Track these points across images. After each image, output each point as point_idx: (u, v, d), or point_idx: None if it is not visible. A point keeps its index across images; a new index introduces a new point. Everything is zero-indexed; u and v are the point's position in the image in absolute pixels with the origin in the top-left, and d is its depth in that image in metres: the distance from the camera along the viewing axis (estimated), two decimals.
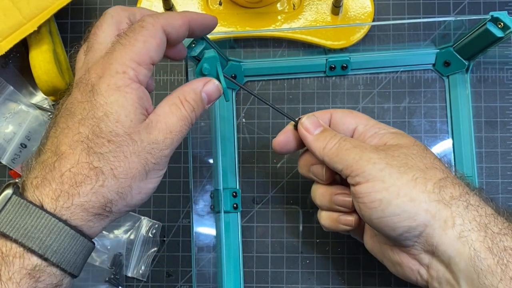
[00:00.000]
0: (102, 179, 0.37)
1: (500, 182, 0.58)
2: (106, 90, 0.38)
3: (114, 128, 0.38)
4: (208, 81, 0.44)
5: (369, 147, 0.44)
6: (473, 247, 0.39)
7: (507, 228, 0.40)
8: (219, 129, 0.58)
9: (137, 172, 0.39)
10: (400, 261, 0.44)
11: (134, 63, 0.39)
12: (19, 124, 0.61)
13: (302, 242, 0.59)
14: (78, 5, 0.62)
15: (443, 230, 0.40)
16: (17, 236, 0.36)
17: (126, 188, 0.39)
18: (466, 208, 0.40)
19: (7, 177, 0.61)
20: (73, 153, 0.37)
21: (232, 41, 0.61)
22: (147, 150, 0.39)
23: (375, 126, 0.47)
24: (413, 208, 0.40)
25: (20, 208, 0.36)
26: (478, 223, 0.40)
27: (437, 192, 0.41)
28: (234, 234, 0.59)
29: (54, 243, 0.36)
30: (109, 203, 0.38)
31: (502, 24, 0.51)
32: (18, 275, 0.35)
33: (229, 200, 0.58)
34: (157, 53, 0.40)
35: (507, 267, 0.38)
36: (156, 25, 0.40)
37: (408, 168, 0.42)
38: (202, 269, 0.59)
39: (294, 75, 0.60)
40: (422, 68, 0.60)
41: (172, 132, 0.40)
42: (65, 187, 0.37)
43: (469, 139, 0.58)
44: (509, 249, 0.38)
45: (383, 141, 0.46)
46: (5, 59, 0.62)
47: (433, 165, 0.43)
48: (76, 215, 0.37)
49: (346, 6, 0.60)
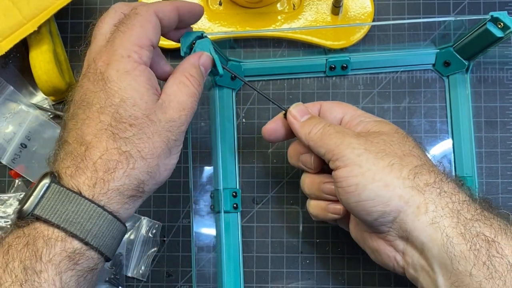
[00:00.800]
0: (132, 162, 0.40)
1: (500, 182, 0.58)
2: (117, 76, 0.41)
3: (133, 112, 0.40)
4: (202, 54, 0.47)
5: (350, 133, 0.45)
6: (445, 233, 0.39)
7: (480, 214, 0.40)
8: (219, 129, 0.58)
9: (162, 150, 0.41)
10: (378, 247, 0.44)
11: (136, 46, 0.42)
12: (19, 124, 0.61)
13: (302, 242, 0.59)
14: (78, 5, 0.62)
15: (416, 216, 0.40)
16: (59, 222, 0.38)
17: (155, 167, 0.41)
18: (439, 194, 0.41)
19: (7, 177, 0.61)
20: (100, 141, 0.40)
21: (232, 41, 0.61)
22: (166, 129, 0.42)
23: (361, 115, 0.48)
24: (387, 193, 0.41)
25: (60, 196, 0.38)
26: (451, 210, 0.40)
27: (411, 179, 0.41)
28: (234, 234, 0.59)
29: (93, 228, 0.39)
30: (141, 184, 0.41)
31: (502, 24, 0.51)
32: (59, 257, 0.37)
33: (229, 200, 0.58)
34: (154, 35, 0.43)
35: (480, 252, 0.38)
36: (149, 11, 0.43)
37: (386, 154, 0.42)
38: (202, 269, 0.59)
39: (294, 75, 0.60)
40: (422, 68, 0.60)
41: (185, 109, 0.43)
42: (100, 174, 0.39)
43: (469, 139, 0.58)
44: (482, 235, 0.38)
45: (367, 128, 0.47)
46: (5, 59, 0.62)
47: (411, 153, 0.43)
48: (113, 199, 0.40)
49: (346, 6, 0.60)
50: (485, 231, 0.39)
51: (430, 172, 0.42)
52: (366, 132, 0.46)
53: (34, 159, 0.60)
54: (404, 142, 0.44)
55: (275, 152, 0.60)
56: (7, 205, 0.60)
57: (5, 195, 0.60)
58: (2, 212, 0.59)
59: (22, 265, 0.36)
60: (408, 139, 0.45)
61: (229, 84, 0.59)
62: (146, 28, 0.42)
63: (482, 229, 0.39)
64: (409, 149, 0.44)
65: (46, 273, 0.37)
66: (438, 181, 0.41)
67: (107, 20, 0.44)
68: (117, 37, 0.42)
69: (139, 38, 0.42)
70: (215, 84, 0.59)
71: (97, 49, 0.43)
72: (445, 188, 0.41)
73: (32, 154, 0.60)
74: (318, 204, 0.50)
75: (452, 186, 0.42)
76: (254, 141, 0.60)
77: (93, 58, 0.42)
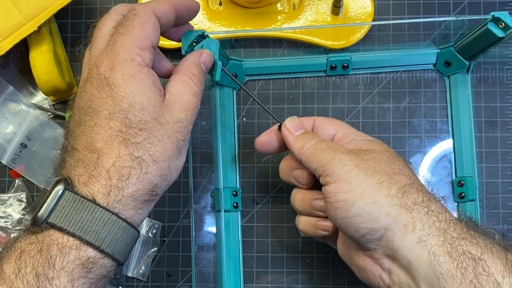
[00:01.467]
0: (145, 166, 0.40)
1: (500, 182, 0.58)
2: (123, 80, 0.40)
3: (142, 116, 0.40)
4: (202, 52, 0.47)
5: (342, 149, 0.45)
6: (432, 251, 0.39)
7: (466, 233, 0.40)
8: (220, 127, 0.58)
9: (172, 152, 0.42)
10: (364, 265, 0.44)
11: (137, 48, 0.42)
12: (19, 124, 0.61)
13: (302, 242, 0.59)
14: (78, 5, 0.62)
15: (403, 234, 0.40)
16: (74, 230, 0.38)
17: (166, 169, 0.42)
18: (427, 213, 0.41)
19: (7, 177, 0.61)
20: (112, 148, 0.40)
21: (233, 41, 0.61)
22: (175, 130, 0.42)
23: (354, 134, 0.49)
24: (375, 210, 0.41)
25: (75, 203, 0.38)
26: (438, 228, 0.40)
27: (400, 197, 0.41)
28: (234, 233, 0.59)
29: (108, 235, 0.39)
30: (155, 188, 0.41)
31: (503, 24, 0.51)
32: (72, 265, 0.37)
33: (229, 199, 0.58)
34: (154, 36, 0.43)
35: (466, 270, 0.38)
36: (147, 11, 0.43)
37: (375, 172, 0.43)
38: (202, 269, 0.59)
39: (295, 74, 0.60)
40: (423, 68, 0.60)
41: (190, 109, 0.43)
42: (114, 181, 0.39)
43: (470, 139, 0.58)
44: (468, 253, 0.39)
45: (358, 146, 0.47)
46: (5, 59, 0.62)
47: (401, 171, 0.44)
48: (127, 206, 0.40)
49: (346, 6, 0.60)
50: (472, 250, 0.39)
51: (418, 191, 0.42)
52: (358, 149, 0.46)
53: (34, 159, 0.60)
54: (394, 160, 0.45)
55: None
56: (7, 205, 0.60)
57: (5, 195, 0.60)
58: (2, 212, 0.59)
59: (35, 272, 0.36)
60: (398, 158, 0.46)
61: (229, 83, 0.59)
62: (145, 29, 0.42)
63: (468, 247, 0.39)
64: (399, 167, 0.44)
65: (58, 280, 0.36)
66: (426, 200, 0.42)
67: (107, 22, 0.44)
68: (118, 39, 0.42)
69: (139, 40, 0.42)
70: (216, 83, 0.59)
71: (98, 53, 0.42)
72: (433, 207, 0.41)
73: (32, 154, 0.60)
74: (308, 221, 0.50)
75: (439, 206, 0.42)
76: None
77: (94, 62, 0.42)
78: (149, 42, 0.42)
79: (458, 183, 0.57)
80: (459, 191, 0.57)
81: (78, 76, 0.62)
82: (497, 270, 0.38)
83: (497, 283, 0.37)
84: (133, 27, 0.42)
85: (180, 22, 0.47)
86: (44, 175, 0.60)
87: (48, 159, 0.61)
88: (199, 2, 0.61)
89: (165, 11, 0.44)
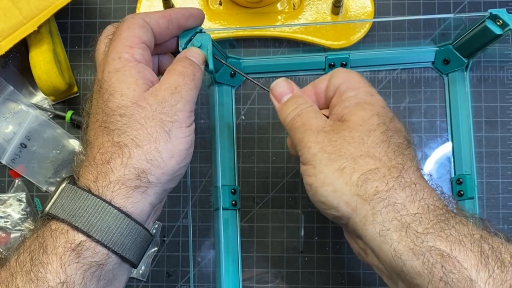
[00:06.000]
0: (127, 151, 0.40)
1: (500, 182, 0.58)
2: (108, 76, 0.42)
3: (121, 102, 0.41)
4: (187, 49, 0.47)
5: (314, 127, 0.42)
6: (393, 247, 0.37)
7: (433, 227, 0.37)
8: (218, 124, 0.58)
9: (158, 134, 0.41)
10: (348, 240, 0.44)
11: (126, 47, 0.43)
12: (19, 124, 0.61)
13: (302, 242, 0.59)
14: (78, 5, 0.62)
15: (363, 225, 0.39)
16: (64, 216, 0.39)
17: (155, 154, 0.40)
18: (388, 206, 0.38)
19: (7, 177, 0.61)
20: (97, 138, 0.41)
21: (233, 40, 0.61)
22: (159, 111, 0.41)
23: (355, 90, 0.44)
24: (335, 199, 0.40)
25: (71, 194, 0.40)
26: (400, 222, 0.37)
27: (360, 185, 0.39)
28: (233, 232, 0.58)
29: (98, 222, 0.39)
30: (142, 173, 0.40)
31: (501, 22, 0.51)
32: (62, 249, 0.38)
33: (228, 197, 0.58)
34: (144, 34, 0.44)
35: (434, 267, 0.35)
36: (135, 16, 0.44)
37: (339, 156, 0.40)
38: (202, 269, 0.59)
39: (293, 72, 0.60)
40: (422, 66, 0.60)
41: (177, 87, 0.42)
42: (99, 168, 0.40)
43: (468, 137, 0.58)
44: (435, 249, 0.36)
45: (342, 114, 0.43)
46: (5, 59, 0.62)
47: (368, 153, 0.40)
48: (117, 192, 0.40)
49: (346, 6, 0.60)
50: (440, 245, 0.36)
51: (383, 178, 0.39)
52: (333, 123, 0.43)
53: (34, 159, 0.60)
54: (366, 139, 0.41)
55: (275, 152, 0.60)
56: (7, 205, 0.60)
57: (5, 195, 0.60)
58: (2, 212, 0.59)
59: (30, 256, 0.38)
60: (372, 135, 0.41)
61: (228, 81, 0.59)
62: (133, 29, 0.43)
63: (435, 242, 0.36)
64: (368, 148, 0.40)
65: (50, 265, 0.37)
66: (391, 189, 0.38)
67: (102, 39, 0.45)
68: (110, 46, 0.44)
69: (127, 39, 0.43)
70: (215, 81, 0.59)
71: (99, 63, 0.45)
72: (398, 198, 0.38)
73: (32, 154, 0.60)
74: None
75: (405, 195, 0.38)
76: (254, 140, 0.60)
77: (96, 72, 0.45)
78: (138, 39, 0.43)
79: (457, 181, 0.57)
80: (458, 189, 0.57)
81: (78, 76, 0.62)
82: (470, 265, 0.35)
83: (470, 280, 0.34)
84: (121, 31, 0.43)
85: (186, 29, 0.48)
86: (43, 175, 0.61)
87: (48, 159, 0.61)
88: (198, 2, 0.61)
89: (156, 18, 0.45)
